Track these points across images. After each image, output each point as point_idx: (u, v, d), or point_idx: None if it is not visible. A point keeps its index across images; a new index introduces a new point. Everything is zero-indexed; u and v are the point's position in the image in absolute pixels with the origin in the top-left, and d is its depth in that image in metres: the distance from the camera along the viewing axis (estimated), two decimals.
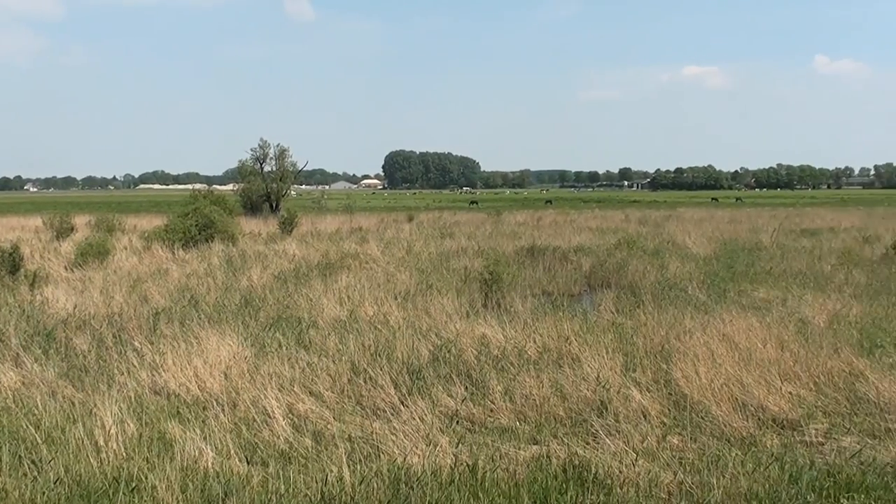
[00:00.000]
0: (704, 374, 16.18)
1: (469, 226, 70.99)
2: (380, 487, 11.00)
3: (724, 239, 53.87)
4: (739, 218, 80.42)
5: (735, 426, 14.22)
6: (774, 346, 18.47)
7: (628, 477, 11.39)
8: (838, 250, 44.40)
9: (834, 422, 14.66)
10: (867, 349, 19.18)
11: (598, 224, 71.55)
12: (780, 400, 15.19)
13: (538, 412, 15.07)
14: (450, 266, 37.87)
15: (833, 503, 10.90)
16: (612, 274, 34.76)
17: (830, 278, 32.97)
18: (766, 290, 29.59)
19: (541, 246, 45.46)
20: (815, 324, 22.02)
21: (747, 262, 39.21)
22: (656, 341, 19.69)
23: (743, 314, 22.34)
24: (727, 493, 10.99)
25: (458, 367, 17.66)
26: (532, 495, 10.89)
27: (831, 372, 17.03)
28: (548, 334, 20.40)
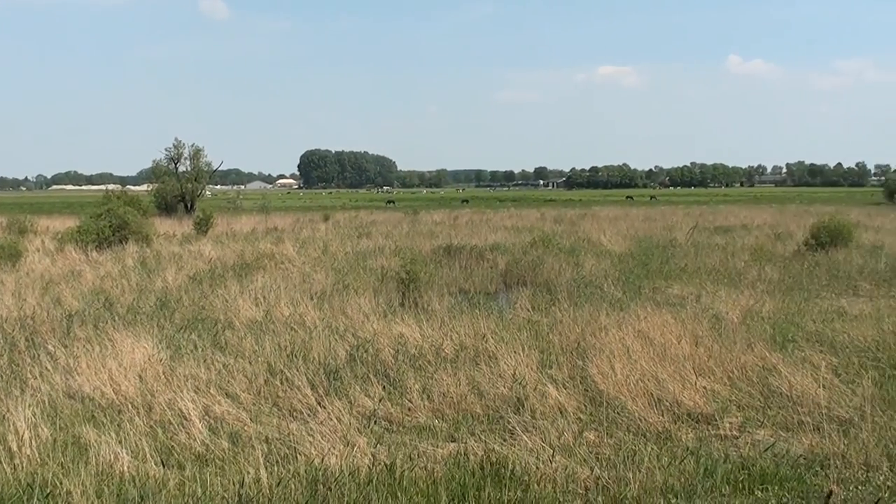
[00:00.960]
0: (620, 370, 16.34)
1: (386, 225, 70.95)
2: (297, 489, 10.95)
3: (638, 236, 54.43)
4: (654, 216, 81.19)
5: (651, 421, 14.38)
6: (689, 342, 18.70)
7: (545, 473, 11.46)
8: (751, 247, 45.13)
9: (748, 415, 14.89)
10: (780, 344, 19.52)
11: (514, 223, 71.84)
12: (694, 395, 15.38)
13: (456, 410, 15.11)
14: (367, 265, 37.80)
15: (748, 495, 11.07)
16: (527, 272, 34.93)
17: (744, 274, 33.49)
18: (680, 286, 29.97)
19: (457, 245, 45.52)
20: (729, 319, 22.32)
21: (662, 260, 39.68)
22: (572, 338, 19.83)
23: (658, 311, 22.59)
24: (643, 487, 11.10)
25: (376, 367, 17.64)
26: (450, 493, 10.91)
27: (745, 366, 17.29)
28: (465, 332, 20.48)
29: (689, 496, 10.94)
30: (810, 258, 39.04)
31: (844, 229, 43.97)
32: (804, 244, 43.76)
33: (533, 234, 52.50)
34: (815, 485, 11.41)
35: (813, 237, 43.48)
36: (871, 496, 10.92)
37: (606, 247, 47.32)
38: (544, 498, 10.77)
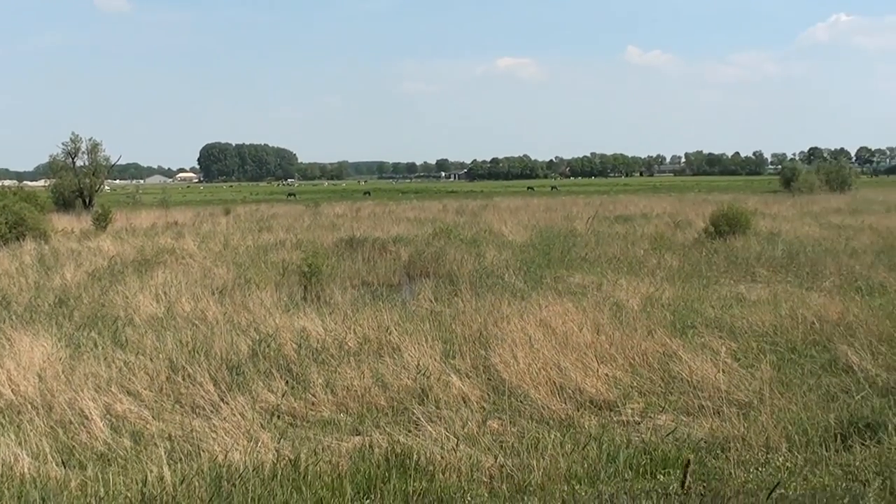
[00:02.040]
0: (522, 358, 16.44)
1: (287, 218, 70.43)
2: (201, 486, 10.83)
3: (539, 227, 54.69)
4: (555, 206, 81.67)
5: (553, 409, 14.48)
6: (590, 330, 18.87)
7: (450, 462, 11.48)
8: (651, 236, 45.68)
9: (649, 401, 15.10)
10: (680, 330, 19.80)
11: (417, 214, 71.83)
12: (596, 382, 15.53)
13: (360, 403, 15.09)
14: (268, 259, 37.53)
15: (650, 479, 11.20)
16: (430, 263, 35.04)
17: (644, 263, 33.89)
18: (581, 275, 30.19)
19: (360, 237, 45.55)
20: (630, 307, 22.56)
21: (563, 249, 39.91)
22: (475, 328, 19.91)
23: (559, 300, 22.75)
24: (547, 473, 11.19)
25: (278, 362, 17.56)
26: (355, 486, 10.89)
27: (646, 353, 17.51)
28: (368, 325, 20.46)
29: (593, 481, 11.04)
30: (709, 246, 39.61)
31: (742, 217, 44.71)
32: (703, 232, 44.43)
33: (435, 225, 52.62)
34: (715, 468, 11.58)
35: (712, 225, 44.15)
36: (771, 477, 11.11)
37: (508, 237, 47.54)
38: (449, 487, 10.80)
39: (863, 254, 35.52)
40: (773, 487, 10.55)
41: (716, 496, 10.11)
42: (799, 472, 11.38)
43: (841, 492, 10.42)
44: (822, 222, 54.46)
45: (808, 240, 42.65)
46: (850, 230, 48.04)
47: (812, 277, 29.04)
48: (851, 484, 10.98)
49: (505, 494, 10.67)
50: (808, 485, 10.83)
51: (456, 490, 10.68)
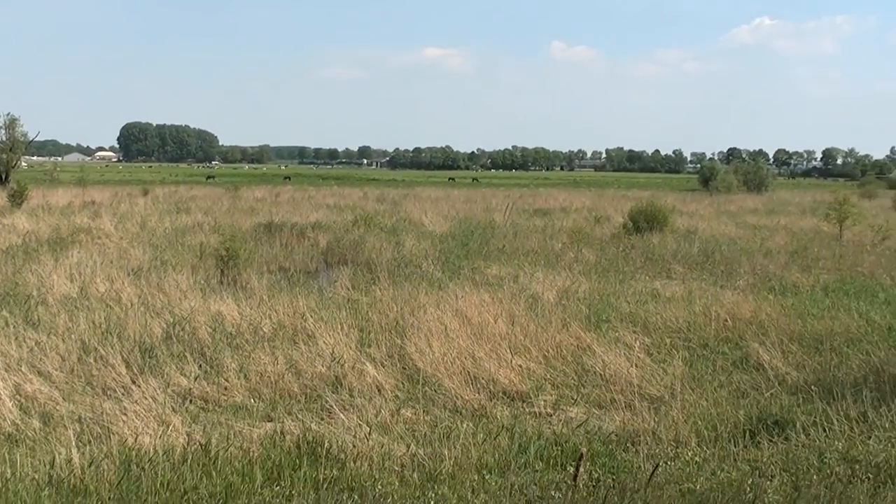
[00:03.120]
0: (438, 348, 16.49)
1: (206, 201, 69.83)
2: (110, 469, 10.68)
3: (459, 217, 54.86)
4: (475, 197, 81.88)
5: (467, 399, 14.53)
6: (506, 321, 18.96)
7: (362, 451, 11.45)
8: (569, 230, 45.98)
9: (562, 393, 15.21)
10: (594, 323, 19.98)
11: (337, 201, 71.62)
12: (510, 373, 15.61)
13: (273, 389, 15.00)
14: (185, 242, 37.27)
15: (560, 471, 11.26)
16: (349, 251, 34.92)
17: (561, 256, 34.13)
18: (499, 267, 30.34)
19: (278, 222, 45.28)
20: (546, 300, 22.70)
21: (481, 241, 40.06)
22: (391, 317, 19.91)
23: (476, 290, 22.85)
24: (458, 463, 11.21)
25: (192, 346, 17.44)
26: (265, 472, 10.81)
27: (560, 345, 17.65)
28: (283, 311, 20.38)
29: (503, 471, 11.08)
30: (627, 241, 40.03)
31: (660, 214, 45.25)
32: (621, 228, 44.90)
33: (355, 213, 52.48)
34: (625, 460, 11.69)
35: (630, 221, 44.62)
36: (680, 471, 11.23)
37: (427, 227, 47.64)
38: (360, 475, 10.76)
39: (777, 254, 36.12)
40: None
41: (624, 489, 10.17)
42: (707, 467, 11.51)
43: (748, 487, 10.55)
44: (738, 222, 55.25)
45: (724, 239, 43.26)
46: (765, 230, 48.88)
47: (727, 276, 29.48)
48: (758, 479, 11.12)
49: (416, 483, 10.66)
50: (715, 479, 10.94)
51: (367, 478, 10.64)
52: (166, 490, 10.10)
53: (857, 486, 10.74)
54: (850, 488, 10.49)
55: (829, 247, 39.76)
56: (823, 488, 10.43)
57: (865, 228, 45.67)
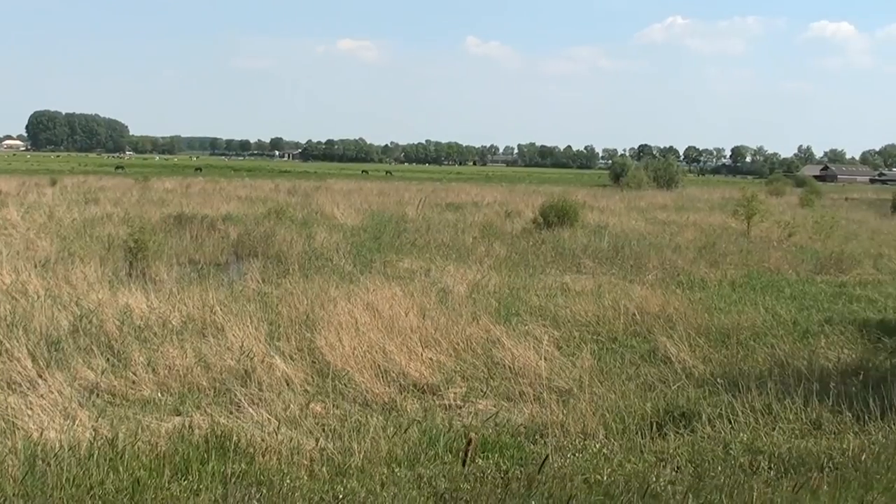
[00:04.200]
0: (348, 342, 16.46)
1: (115, 191, 68.90)
2: (14, 464, 10.49)
3: (372, 211, 54.89)
4: (388, 191, 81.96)
5: (377, 392, 14.54)
6: (417, 315, 19.01)
7: (271, 445, 11.40)
8: (481, 224, 46.24)
9: (472, 386, 15.32)
10: (504, 317, 20.14)
11: (248, 193, 71.23)
12: (421, 366, 15.67)
13: (181, 383, 14.88)
14: (94, 233, 36.74)
15: (469, 463, 11.29)
16: (259, 243, 34.66)
17: (472, 250, 34.25)
18: (410, 260, 30.41)
19: (189, 214, 44.82)
20: (457, 293, 22.80)
21: (394, 234, 40.14)
22: (301, 310, 19.83)
23: (387, 284, 22.82)
24: (368, 457, 11.20)
25: (100, 339, 17.19)
26: (173, 467, 10.70)
27: (470, 339, 17.75)
28: (193, 304, 20.21)
29: (413, 464, 11.10)
30: (537, 236, 40.30)
31: (571, 209, 45.61)
32: (532, 222, 45.16)
33: (266, 205, 52.35)
34: (533, 452, 11.77)
35: (541, 216, 44.90)
36: (587, 463, 11.34)
37: (339, 220, 47.57)
38: (269, 470, 10.70)
39: (686, 249, 36.64)
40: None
41: (531, 481, 10.25)
42: (614, 459, 11.64)
43: (653, 478, 10.69)
44: (648, 217, 55.93)
45: (634, 234, 43.83)
46: (674, 226, 49.58)
47: (636, 270, 29.80)
48: (664, 470, 11.29)
49: (325, 477, 10.63)
50: (622, 471, 11.07)
51: (275, 472, 10.59)
52: (72, 485, 9.95)
53: (760, 476, 10.95)
54: (752, 478, 10.68)
55: (737, 243, 40.41)
56: (726, 478, 10.62)
57: (773, 225, 46.49)
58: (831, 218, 49.51)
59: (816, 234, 44.20)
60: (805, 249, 38.69)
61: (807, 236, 43.92)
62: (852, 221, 57.74)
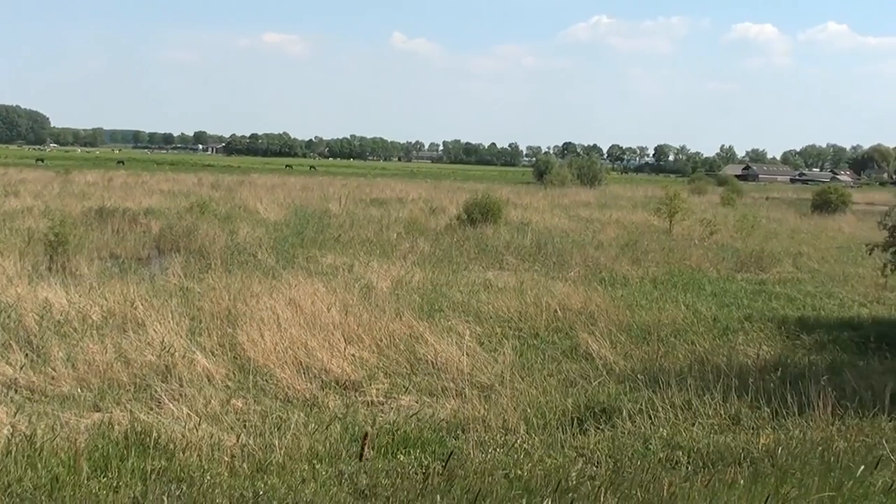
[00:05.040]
0: (270, 338, 16.43)
1: (36, 184, 67.78)
2: None
3: (295, 206, 54.62)
4: (312, 186, 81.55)
5: (299, 388, 14.53)
6: (339, 311, 19.01)
7: (191, 441, 11.34)
8: (405, 220, 46.23)
9: (394, 382, 15.37)
10: (427, 313, 20.22)
11: (171, 187, 70.56)
12: (343, 362, 15.67)
13: (101, 379, 14.73)
14: (13, 227, 36.14)
15: (391, 459, 11.34)
16: (182, 238, 34.33)
17: (396, 246, 34.29)
18: (334, 256, 30.36)
19: (110, 208, 44.26)
20: (380, 289, 22.83)
21: (317, 229, 40.02)
22: (223, 305, 19.76)
23: (310, 279, 22.82)
24: (289, 453, 11.19)
25: (18, 334, 17.01)
26: (92, 463, 10.61)
27: (393, 335, 17.79)
28: (114, 299, 20.03)
29: (334, 461, 11.11)
30: (461, 232, 40.41)
31: (495, 206, 45.74)
32: (456, 219, 45.26)
33: (189, 199, 51.87)
34: (455, 447, 11.82)
35: (465, 212, 45.03)
36: (508, 458, 11.42)
37: (263, 215, 47.36)
38: (189, 466, 10.65)
39: (608, 247, 36.98)
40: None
41: (452, 476, 10.31)
42: (535, 454, 11.74)
43: (573, 472, 10.79)
44: (571, 215, 56.28)
45: (557, 231, 44.16)
46: (597, 224, 49.99)
47: (558, 267, 30.05)
48: (585, 466, 11.42)
49: (245, 473, 10.61)
50: (542, 466, 11.16)
51: (196, 469, 10.53)
52: None
53: (678, 471, 11.11)
54: (670, 473, 10.83)
55: (659, 240, 40.92)
56: (644, 473, 10.75)
57: (694, 223, 47.03)
58: (752, 217, 50.35)
59: (737, 233, 44.93)
60: (726, 248, 39.24)
61: (728, 235, 44.58)
62: (773, 220, 58.66)
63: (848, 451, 11.65)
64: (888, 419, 13.26)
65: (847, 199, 72.88)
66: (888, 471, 9.72)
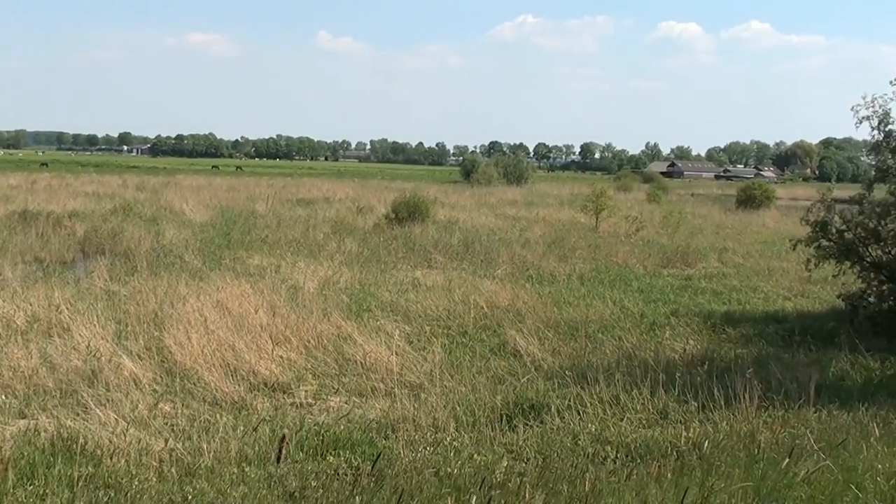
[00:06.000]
0: (197, 340, 16.33)
1: None
2: None
3: (222, 206, 54.33)
4: (238, 186, 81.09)
5: (227, 391, 14.46)
6: (267, 312, 18.96)
7: (119, 447, 11.24)
8: (332, 220, 46.15)
9: (323, 383, 15.40)
10: (356, 313, 20.23)
11: (96, 189, 69.67)
12: (271, 364, 15.65)
13: (26, 385, 14.53)
14: None
15: (321, 461, 11.34)
16: (107, 240, 34.02)
17: (324, 246, 34.22)
18: (261, 257, 30.25)
19: (34, 210, 43.69)
20: (308, 290, 22.76)
21: (244, 230, 39.85)
22: (150, 308, 19.60)
23: (237, 281, 22.71)
24: (217, 457, 11.16)
25: None
26: (18, 472, 10.46)
27: (321, 335, 17.78)
28: (38, 303, 19.77)
29: (263, 463, 11.09)
30: (389, 232, 40.46)
31: (422, 205, 45.86)
32: (384, 218, 45.30)
33: (114, 201, 51.42)
34: (385, 447, 11.85)
35: (392, 212, 45.11)
36: (438, 457, 11.47)
37: (189, 216, 47.03)
38: (117, 472, 10.55)
39: (535, 244, 37.19)
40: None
41: (381, 476, 10.34)
42: (465, 452, 11.80)
43: (502, 469, 10.86)
44: (498, 213, 56.52)
45: (485, 229, 44.35)
46: (524, 222, 50.25)
47: (486, 265, 30.19)
48: (514, 462, 11.51)
49: (174, 478, 10.54)
50: (472, 463, 11.22)
51: (124, 475, 10.45)
52: None
53: (606, 465, 11.24)
54: (598, 468, 10.94)
55: (586, 237, 41.25)
56: (573, 468, 10.85)
57: (621, 220, 47.51)
58: (678, 213, 50.84)
59: (663, 229, 45.47)
60: (652, 244, 39.70)
61: (654, 231, 45.10)
62: (698, 216, 59.40)
63: (773, 443, 11.88)
64: (813, 410, 13.51)
65: (771, 195, 74.02)
66: (811, 461, 9.89)
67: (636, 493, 9.21)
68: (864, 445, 10.78)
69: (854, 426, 12.63)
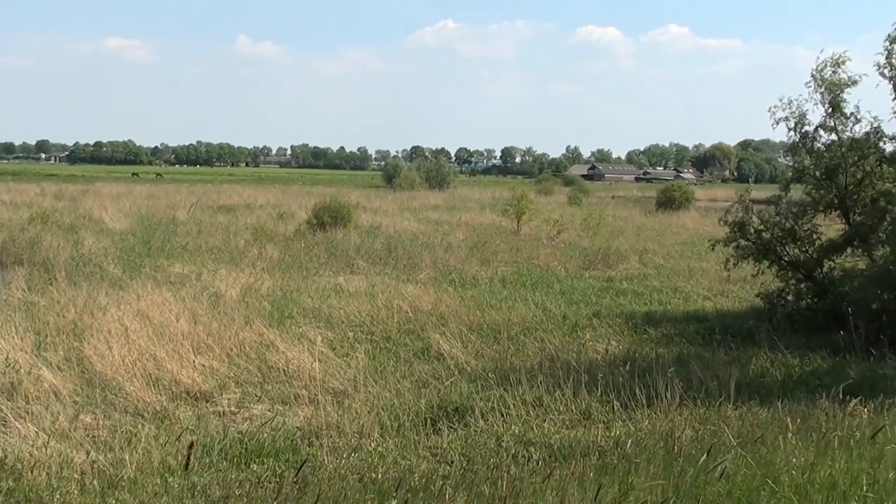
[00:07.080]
0: (118, 350, 16.18)
1: None
2: None
3: (142, 214, 53.91)
4: (158, 193, 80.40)
5: (148, 401, 14.34)
6: (188, 320, 18.83)
7: (39, 460, 11.11)
8: (253, 226, 45.88)
9: (246, 391, 15.32)
10: (278, 320, 20.16)
11: (12, 198, 68.62)
12: (193, 372, 15.56)
13: None
14: None
15: (244, 469, 11.31)
16: (24, 250, 33.55)
17: (245, 253, 34.07)
18: (182, 265, 30.03)
19: None
20: (229, 297, 22.65)
21: (164, 238, 39.51)
22: (69, 319, 19.36)
23: (158, 289, 22.52)
24: (140, 467, 11.07)
25: None
26: None
27: (244, 343, 17.71)
28: None
29: (185, 474, 10.99)
30: (311, 238, 40.37)
31: (344, 210, 45.77)
32: (306, 224, 45.12)
33: (32, 210, 50.53)
34: (310, 454, 11.87)
35: (314, 217, 44.92)
36: (363, 462, 11.49)
37: (109, 224, 46.57)
38: (38, 486, 10.42)
39: (457, 248, 37.31)
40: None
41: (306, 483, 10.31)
42: (389, 456, 11.85)
43: (426, 472, 10.91)
44: (420, 218, 56.64)
45: (407, 234, 44.39)
46: (446, 226, 50.38)
47: (409, 270, 30.22)
48: (437, 465, 11.57)
49: (96, 490, 10.42)
50: (397, 468, 11.27)
51: (45, 488, 10.32)
52: None
53: (530, 466, 11.33)
54: (522, 468, 11.02)
55: (508, 241, 41.44)
56: (496, 470, 10.92)
57: (542, 223, 47.78)
58: (598, 215, 51.29)
59: (584, 232, 45.77)
60: (574, 246, 39.99)
61: (575, 234, 45.38)
62: (619, 219, 59.99)
63: (693, 440, 12.05)
64: (733, 408, 13.75)
65: (690, 197, 74.99)
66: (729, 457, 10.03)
67: (556, 493, 9.28)
68: (782, 440, 10.94)
69: (772, 422, 12.82)
